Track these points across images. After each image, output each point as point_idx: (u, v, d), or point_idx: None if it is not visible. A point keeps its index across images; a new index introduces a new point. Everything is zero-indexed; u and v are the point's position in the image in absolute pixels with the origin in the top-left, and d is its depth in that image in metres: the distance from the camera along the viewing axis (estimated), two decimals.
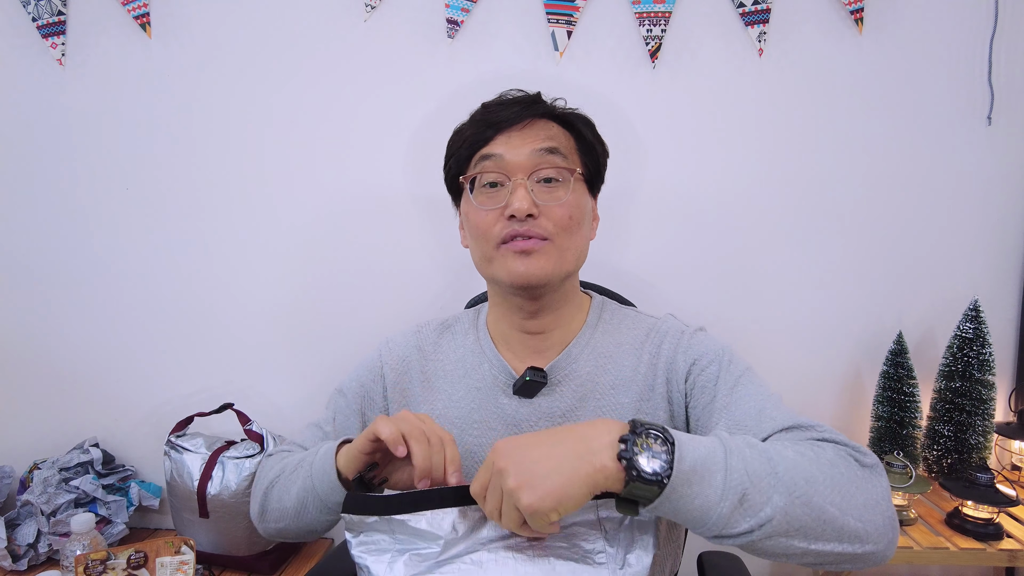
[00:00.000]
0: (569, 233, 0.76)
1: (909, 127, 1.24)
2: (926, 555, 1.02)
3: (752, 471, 0.54)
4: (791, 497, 0.53)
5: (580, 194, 0.78)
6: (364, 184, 1.31)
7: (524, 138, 0.76)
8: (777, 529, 0.53)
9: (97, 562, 0.99)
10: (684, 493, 0.52)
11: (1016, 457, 1.25)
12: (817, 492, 0.54)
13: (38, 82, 1.34)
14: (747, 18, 1.21)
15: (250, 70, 1.30)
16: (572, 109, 0.83)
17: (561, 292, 0.80)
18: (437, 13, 1.25)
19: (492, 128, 0.77)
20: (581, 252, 0.79)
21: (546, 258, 0.74)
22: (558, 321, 0.81)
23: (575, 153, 0.79)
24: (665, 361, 0.78)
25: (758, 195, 1.27)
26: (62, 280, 1.40)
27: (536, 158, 0.75)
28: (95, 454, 1.34)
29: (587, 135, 0.82)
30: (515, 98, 0.80)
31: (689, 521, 0.54)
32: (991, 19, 1.20)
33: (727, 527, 0.53)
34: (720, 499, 0.52)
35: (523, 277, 0.74)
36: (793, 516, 0.53)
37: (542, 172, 0.75)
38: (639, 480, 0.52)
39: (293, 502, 0.75)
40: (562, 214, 0.75)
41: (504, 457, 0.55)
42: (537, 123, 0.78)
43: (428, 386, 0.85)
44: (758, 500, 0.53)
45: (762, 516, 0.52)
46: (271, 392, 1.39)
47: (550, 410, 0.78)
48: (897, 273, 1.28)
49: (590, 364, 0.80)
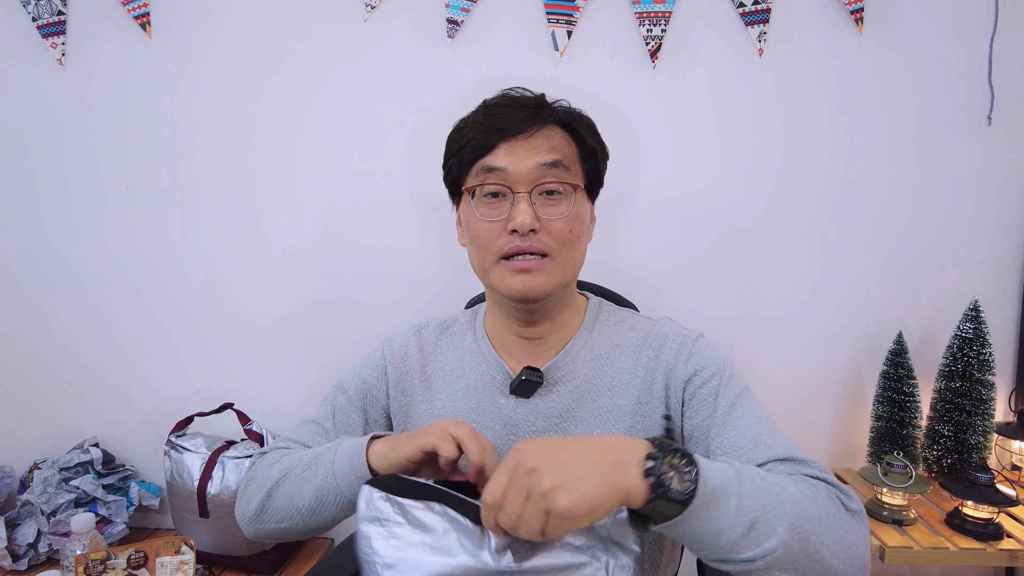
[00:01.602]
0: (569, 247, 0.76)
1: (909, 127, 1.24)
2: (926, 555, 1.02)
3: (762, 502, 0.55)
4: (793, 532, 0.55)
5: (581, 204, 0.77)
6: (364, 184, 1.31)
7: (528, 149, 0.74)
8: (776, 561, 0.55)
9: (97, 562, 0.99)
10: (701, 515, 0.53)
11: (1016, 457, 1.25)
12: (814, 531, 0.56)
13: (38, 82, 1.34)
14: (747, 18, 1.21)
15: (250, 70, 1.30)
16: (575, 110, 0.81)
17: (558, 299, 0.80)
18: (437, 13, 1.25)
19: (496, 135, 0.75)
20: (579, 263, 0.79)
21: (545, 275, 0.74)
22: (555, 325, 0.81)
23: (577, 162, 0.78)
24: (665, 366, 0.78)
25: (758, 194, 1.27)
26: (62, 280, 1.40)
27: (540, 172, 0.74)
28: (95, 454, 1.34)
29: (589, 141, 0.80)
30: (519, 100, 0.78)
31: (696, 543, 0.55)
32: (991, 19, 1.20)
33: (733, 552, 0.54)
34: (732, 525, 0.54)
35: (521, 293, 0.75)
36: (791, 551, 0.55)
37: (545, 185, 0.74)
38: (665, 499, 0.52)
39: (308, 500, 0.72)
40: (563, 228, 0.74)
41: (535, 458, 0.53)
42: (541, 131, 0.76)
43: (427, 386, 0.85)
44: (765, 530, 0.54)
45: (766, 547, 0.54)
46: (271, 392, 1.39)
47: (547, 410, 0.78)
48: (897, 273, 1.28)
49: (587, 365, 0.80)
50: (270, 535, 0.78)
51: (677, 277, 1.30)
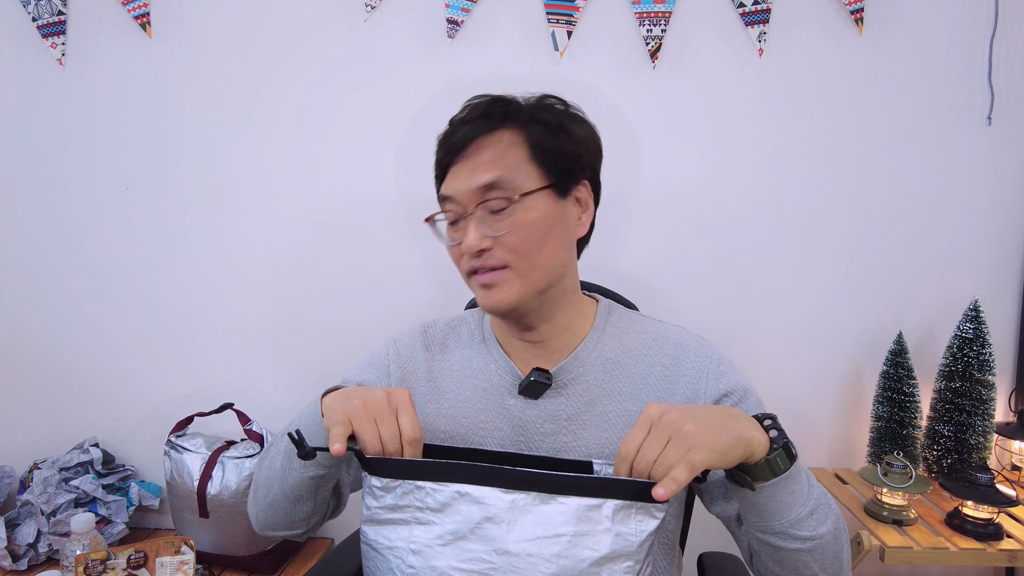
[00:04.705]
0: (530, 255, 0.73)
1: (909, 127, 1.24)
2: (926, 555, 1.02)
3: (820, 495, 0.65)
4: (836, 530, 0.65)
5: (536, 210, 0.73)
6: (364, 184, 1.31)
7: (469, 169, 0.73)
8: (819, 547, 0.63)
9: (97, 562, 0.99)
10: (790, 484, 0.61)
11: (1016, 457, 1.25)
12: (842, 535, 0.66)
13: (38, 82, 1.34)
14: (747, 18, 1.21)
15: (250, 70, 1.30)
16: (534, 103, 0.76)
17: (547, 303, 0.78)
18: (437, 13, 1.25)
19: (448, 155, 0.75)
20: (553, 265, 0.76)
21: (507, 287, 0.74)
22: (556, 328, 0.80)
23: (529, 163, 0.73)
24: (687, 380, 0.77)
25: (758, 194, 1.27)
26: (62, 280, 1.40)
27: (479, 194, 0.72)
28: (95, 454, 1.34)
29: (545, 140, 0.74)
30: (475, 111, 0.75)
31: (772, 509, 0.62)
32: (991, 19, 1.20)
33: (795, 527, 0.62)
34: (803, 503, 0.62)
35: (491, 308, 0.75)
36: (828, 544, 0.64)
37: (487, 204, 0.73)
38: (784, 451, 0.60)
39: (280, 461, 0.75)
40: (516, 240, 0.72)
41: (671, 410, 0.60)
42: (483, 144, 0.73)
43: (434, 385, 0.84)
44: (820, 518, 0.63)
45: (819, 532, 0.63)
46: (271, 392, 1.39)
47: (555, 412, 0.78)
48: (897, 273, 1.28)
49: (598, 369, 0.79)
50: (266, 519, 0.79)
51: (677, 276, 1.30)
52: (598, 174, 0.81)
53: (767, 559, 0.67)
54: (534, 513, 0.58)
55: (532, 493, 0.58)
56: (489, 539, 0.58)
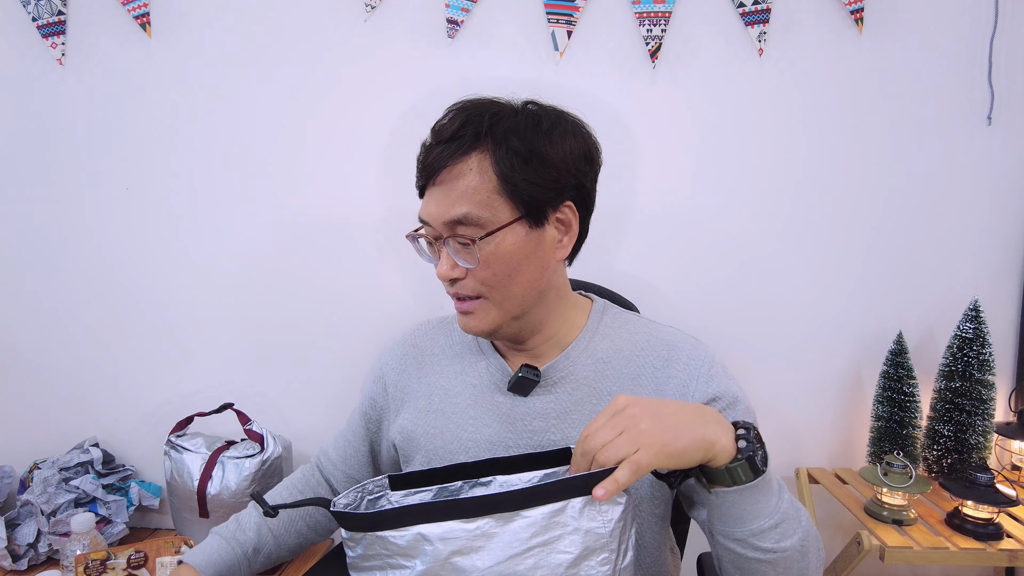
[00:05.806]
0: (501, 288, 0.73)
1: (909, 127, 1.24)
2: (926, 555, 1.02)
3: (789, 509, 0.63)
4: (803, 546, 0.63)
5: (507, 244, 0.71)
6: (364, 185, 1.31)
7: (440, 196, 0.72)
8: (781, 561, 0.62)
9: (97, 562, 0.99)
10: (755, 494, 0.60)
11: (1016, 457, 1.25)
12: (808, 553, 0.64)
13: (38, 82, 1.34)
14: (747, 18, 1.21)
15: (250, 70, 1.30)
16: (507, 125, 0.71)
17: (531, 321, 0.78)
18: (437, 13, 1.25)
19: (424, 176, 0.75)
20: (527, 294, 0.75)
21: (483, 314, 0.75)
22: (546, 334, 0.80)
23: (497, 197, 0.70)
24: (677, 383, 0.77)
25: (758, 194, 1.27)
26: (62, 280, 1.39)
27: (448, 229, 0.72)
28: (95, 454, 1.34)
29: (515, 171, 0.69)
30: (445, 131, 0.73)
31: (734, 517, 0.61)
32: (991, 19, 1.20)
33: (757, 538, 0.61)
34: (769, 514, 0.61)
35: (470, 332, 0.77)
36: (792, 559, 0.62)
37: (457, 239, 0.72)
38: (748, 463, 0.58)
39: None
40: (486, 275, 0.72)
41: (635, 403, 0.59)
42: (453, 173, 0.70)
43: (425, 381, 0.86)
44: (785, 532, 0.61)
45: (782, 545, 0.61)
46: (271, 392, 1.39)
47: (545, 410, 0.78)
48: (897, 273, 1.28)
49: (589, 368, 0.79)
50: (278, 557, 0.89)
51: (677, 276, 1.30)
52: (587, 188, 0.76)
53: (728, 564, 0.65)
54: (501, 534, 0.57)
55: (494, 515, 0.57)
56: (461, 571, 0.57)
